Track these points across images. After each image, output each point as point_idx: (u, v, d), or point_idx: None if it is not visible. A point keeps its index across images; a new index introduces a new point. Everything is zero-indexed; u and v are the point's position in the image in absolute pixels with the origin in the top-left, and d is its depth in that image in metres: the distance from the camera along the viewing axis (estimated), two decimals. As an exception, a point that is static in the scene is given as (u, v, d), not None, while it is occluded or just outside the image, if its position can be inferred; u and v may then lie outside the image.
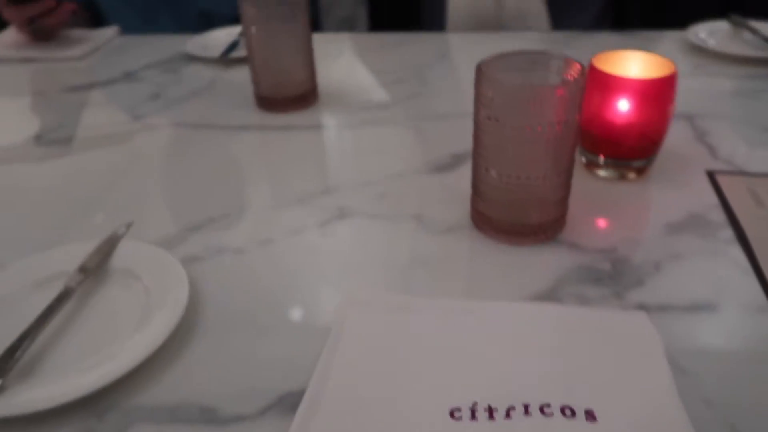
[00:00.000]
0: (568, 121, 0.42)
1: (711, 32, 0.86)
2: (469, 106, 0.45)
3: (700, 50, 0.81)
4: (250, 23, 0.67)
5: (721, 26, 0.87)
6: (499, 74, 0.44)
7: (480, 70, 0.42)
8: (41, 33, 0.96)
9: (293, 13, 0.67)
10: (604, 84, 0.51)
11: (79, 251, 0.45)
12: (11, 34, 0.99)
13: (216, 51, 0.89)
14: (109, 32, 1.01)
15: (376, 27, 1.38)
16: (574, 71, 0.43)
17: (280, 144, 0.65)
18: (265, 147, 0.65)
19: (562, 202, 0.47)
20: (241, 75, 0.81)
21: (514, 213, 0.46)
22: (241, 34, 0.91)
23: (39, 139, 0.69)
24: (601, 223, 0.50)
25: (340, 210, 0.52)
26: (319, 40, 0.72)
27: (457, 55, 0.88)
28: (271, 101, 0.71)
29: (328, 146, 0.66)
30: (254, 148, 0.66)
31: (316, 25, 1.22)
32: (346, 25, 4.29)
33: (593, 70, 0.52)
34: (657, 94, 0.51)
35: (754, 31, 0.82)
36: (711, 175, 0.55)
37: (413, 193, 0.54)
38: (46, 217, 0.54)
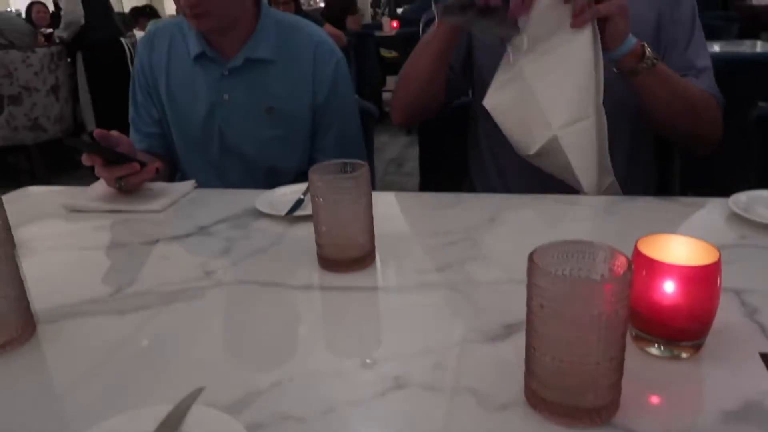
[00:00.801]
0: (618, 311, 0.45)
1: (754, 201, 0.88)
2: (519, 274, 0.48)
3: (743, 220, 0.84)
4: (317, 194, 0.74)
5: (764, 195, 0.90)
6: (550, 265, 0.47)
7: (532, 261, 0.46)
8: (127, 188, 1.07)
9: (357, 185, 0.74)
10: (650, 268, 0.54)
11: (150, 416, 0.48)
12: (100, 186, 1.11)
13: (282, 207, 0.97)
14: (186, 187, 1.11)
15: (426, 174, 1.47)
16: (620, 265, 0.46)
17: (341, 306, 0.69)
18: (326, 308, 0.70)
19: (615, 386, 0.48)
20: (305, 232, 0.87)
21: (568, 395, 0.48)
22: (305, 193, 1.00)
23: (118, 291, 0.75)
24: (656, 406, 0.50)
25: (396, 380, 0.55)
26: (375, 198, 0.78)
27: (507, 218, 0.93)
28: (332, 262, 0.77)
29: (385, 310, 0.70)
30: (317, 309, 0.70)
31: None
32: (395, 164, 4.50)
33: (638, 254, 0.55)
34: (703, 279, 0.54)
35: (796, 202, 0.85)
36: (765, 358, 0.55)
37: (467, 365, 0.56)
38: (121, 375, 0.58)
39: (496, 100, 1.01)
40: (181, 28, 1.26)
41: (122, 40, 3.38)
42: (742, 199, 0.89)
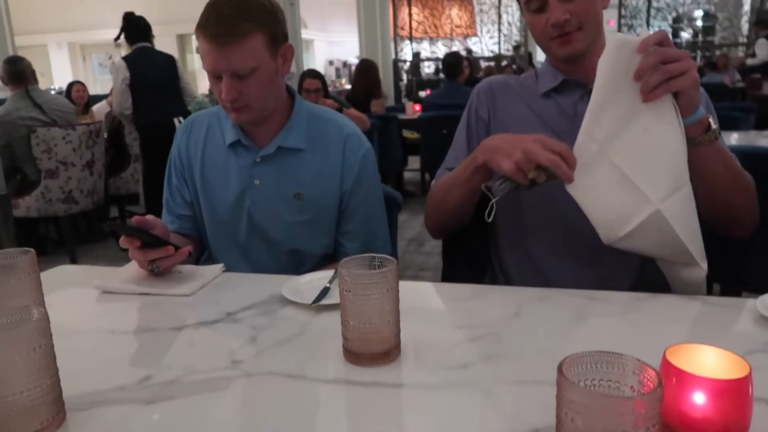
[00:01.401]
0: (648, 428, 0.44)
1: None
2: (544, 375, 0.48)
3: (772, 324, 0.83)
4: (346, 288, 0.76)
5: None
6: (579, 375, 0.48)
7: (562, 374, 0.47)
8: (159, 271, 1.10)
9: (385, 280, 0.76)
10: (679, 379, 0.54)
11: None
12: (132, 267, 1.14)
13: (308, 295, 0.98)
14: (215, 271, 1.14)
15: (449, 261, 1.49)
16: (650, 379, 0.47)
17: (366, 402, 0.69)
18: (350, 405, 0.70)
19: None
20: (331, 321, 0.88)
21: None
22: (332, 281, 1.02)
23: (146, 379, 0.76)
24: None
25: (423, 487, 0.54)
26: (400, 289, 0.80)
27: (531, 312, 0.93)
28: (358, 356, 0.77)
29: (408, 409, 0.70)
30: (341, 403, 0.70)
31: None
32: (415, 243, 4.52)
33: (667, 363, 0.55)
34: (734, 393, 0.53)
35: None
36: (803, 477, 0.54)
37: (495, 473, 0.56)
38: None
39: (579, 185, 0.99)
40: (218, 117, 1.33)
41: (174, 120, 3.55)
42: (769, 300, 0.88)
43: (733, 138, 3.00)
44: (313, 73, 4.11)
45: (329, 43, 16.22)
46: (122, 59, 3.71)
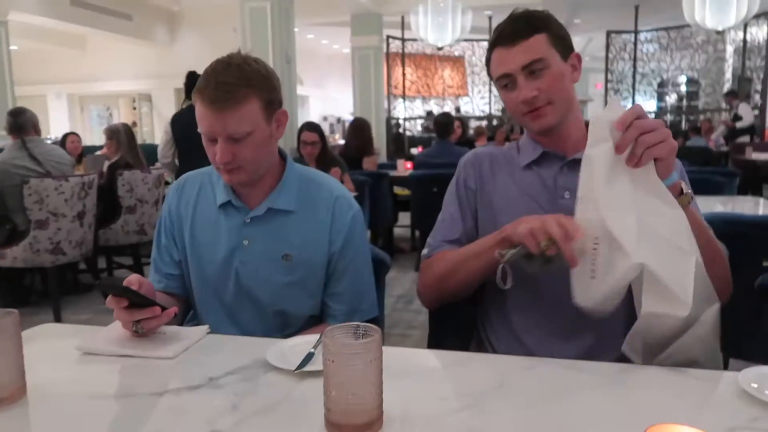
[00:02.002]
0: None
1: (765, 378, 0.87)
2: None
3: (755, 399, 0.83)
4: (329, 357, 0.76)
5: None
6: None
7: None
8: (143, 332, 1.09)
9: (369, 350, 0.76)
10: (660, 462, 0.54)
11: None
12: (115, 328, 1.13)
13: (293, 360, 0.98)
14: (199, 333, 1.13)
15: (435, 325, 1.49)
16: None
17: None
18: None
19: None
20: (314, 388, 0.87)
21: None
22: (316, 347, 1.02)
23: (125, 448, 0.75)
24: None
25: None
26: (384, 354, 0.79)
27: (515, 383, 0.93)
28: (340, 427, 0.76)
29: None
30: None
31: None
32: (404, 300, 4.49)
33: (647, 445, 0.55)
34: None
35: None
36: None
37: None
38: None
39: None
40: (210, 176, 1.35)
41: None
42: (752, 375, 0.88)
43: (718, 202, 3.06)
44: (311, 126, 4.19)
45: (324, 99, 16.59)
46: (174, 115, 3.96)
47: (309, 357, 0.99)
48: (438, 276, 1.25)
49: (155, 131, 13.36)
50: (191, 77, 3.80)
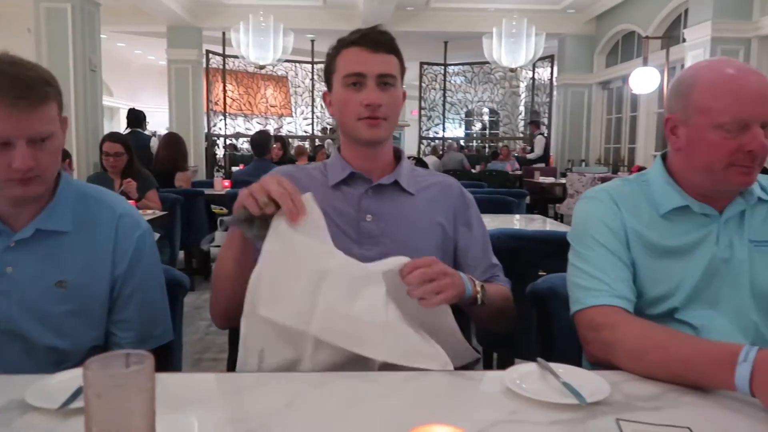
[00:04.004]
0: None
1: (526, 376, 0.97)
2: None
3: (515, 395, 0.91)
4: (89, 391, 0.68)
5: (534, 370, 1.00)
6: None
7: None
8: None
9: (137, 381, 0.70)
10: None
11: None
12: None
13: (58, 397, 0.87)
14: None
15: (234, 352, 1.43)
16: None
17: None
18: None
19: None
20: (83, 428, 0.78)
21: None
22: (88, 380, 0.91)
23: None
24: None
25: None
26: (173, 381, 0.74)
27: (304, 402, 0.92)
28: (102, 468, 0.69)
29: None
30: None
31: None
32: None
33: (406, 448, 0.58)
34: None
35: (555, 376, 0.96)
36: None
37: None
38: None
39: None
40: None
41: None
42: (515, 373, 0.98)
43: (509, 220, 3.41)
44: (114, 137, 3.87)
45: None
46: None
47: (78, 392, 0.89)
48: (215, 288, 1.21)
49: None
50: None
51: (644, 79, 6.66)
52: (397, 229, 1.26)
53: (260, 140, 4.96)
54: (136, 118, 6.02)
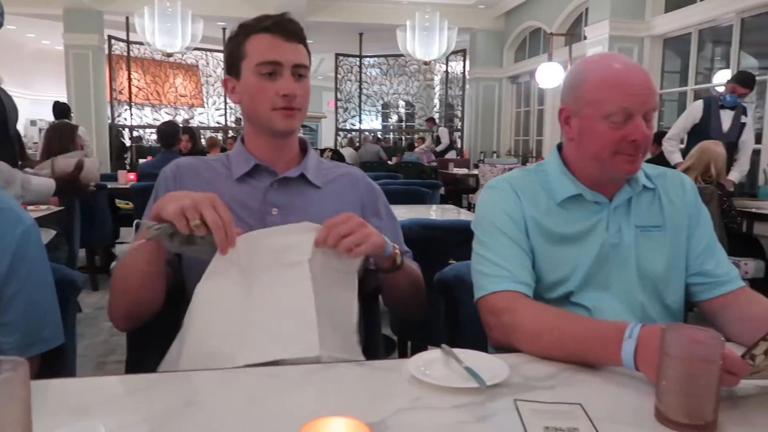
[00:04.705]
0: None
1: (430, 363, 0.98)
2: None
3: (419, 382, 0.92)
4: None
5: (437, 356, 1.02)
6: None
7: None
8: None
9: (7, 387, 0.64)
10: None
11: None
12: None
13: None
14: None
15: (133, 352, 1.36)
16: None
17: None
18: None
19: None
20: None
21: None
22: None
23: None
24: None
25: None
26: (62, 388, 0.68)
27: (206, 400, 0.89)
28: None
29: None
30: None
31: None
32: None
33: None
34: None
35: (458, 361, 0.98)
36: None
37: None
38: None
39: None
40: None
41: None
42: (420, 361, 0.99)
43: (424, 210, 3.47)
44: None
45: (32, 101, 14.36)
46: None
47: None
48: (117, 289, 1.17)
49: None
50: None
51: (549, 74, 6.98)
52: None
53: (167, 131, 4.75)
54: (61, 110, 6.36)
